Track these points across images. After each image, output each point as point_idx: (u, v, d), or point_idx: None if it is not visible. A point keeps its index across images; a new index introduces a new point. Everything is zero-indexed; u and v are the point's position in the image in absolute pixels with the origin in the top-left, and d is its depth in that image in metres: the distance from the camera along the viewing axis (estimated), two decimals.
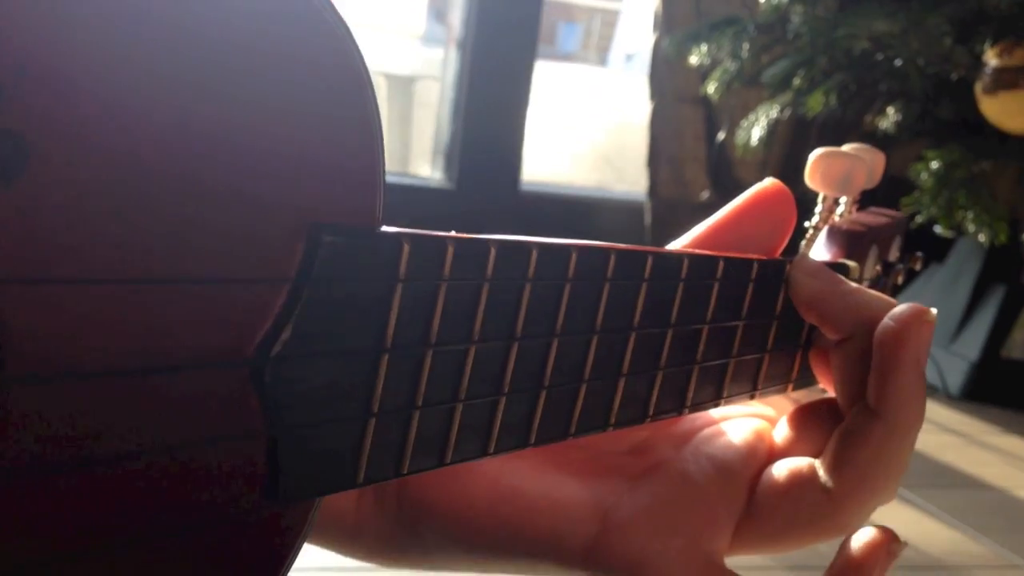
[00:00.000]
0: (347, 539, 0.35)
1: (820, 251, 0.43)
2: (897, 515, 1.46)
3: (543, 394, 0.29)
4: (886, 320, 0.34)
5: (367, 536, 0.35)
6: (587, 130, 5.09)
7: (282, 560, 0.25)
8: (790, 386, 0.41)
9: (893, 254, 0.46)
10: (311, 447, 0.24)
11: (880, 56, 1.92)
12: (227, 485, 0.22)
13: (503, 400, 0.28)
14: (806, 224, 0.44)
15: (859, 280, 0.43)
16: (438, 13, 4.25)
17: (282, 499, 0.24)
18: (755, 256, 0.37)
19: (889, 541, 0.33)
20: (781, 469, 0.35)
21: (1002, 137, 1.84)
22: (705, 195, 2.68)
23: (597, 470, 0.35)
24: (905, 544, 0.32)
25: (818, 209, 0.44)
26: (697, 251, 0.35)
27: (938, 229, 1.94)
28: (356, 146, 0.23)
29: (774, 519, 0.35)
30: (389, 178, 0.26)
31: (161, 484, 0.21)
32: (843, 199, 0.43)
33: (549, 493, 0.33)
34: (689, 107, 2.63)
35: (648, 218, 2.58)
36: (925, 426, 1.49)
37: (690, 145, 2.67)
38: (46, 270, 0.18)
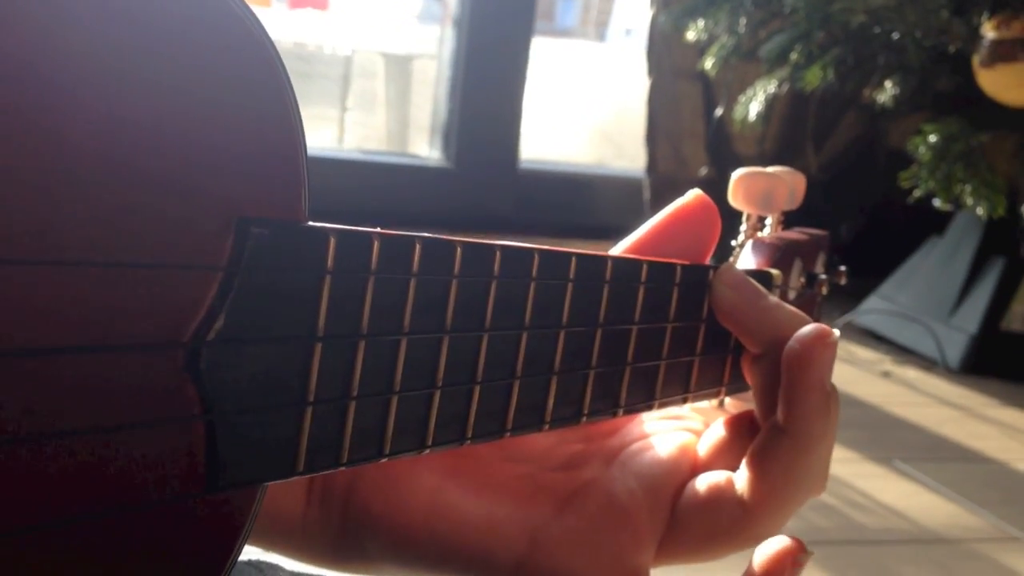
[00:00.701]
0: (294, 542, 0.36)
1: (746, 262, 0.44)
2: (895, 488, 1.47)
3: (477, 390, 0.30)
4: (791, 342, 0.36)
5: (313, 541, 0.36)
6: (586, 106, 5.07)
7: (228, 549, 0.25)
8: (723, 390, 0.42)
9: (818, 268, 0.47)
10: (249, 434, 0.24)
11: (877, 29, 1.91)
12: (167, 470, 0.23)
13: (437, 394, 0.29)
14: (732, 243, 0.45)
15: (784, 289, 0.44)
16: None
17: (222, 485, 0.24)
18: (679, 261, 0.38)
19: (796, 552, 0.34)
20: (701, 483, 0.37)
21: (1000, 109, 1.84)
22: (704, 171, 2.68)
23: (530, 489, 0.36)
24: (811, 554, 0.34)
25: (743, 228, 0.45)
26: (622, 255, 0.37)
27: (936, 203, 1.95)
28: (277, 141, 0.24)
29: (694, 531, 0.36)
30: (388, 158, 0.27)
31: (98, 466, 0.22)
32: (768, 219, 0.44)
33: (482, 511, 0.35)
34: (687, 83, 2.62)
35: (647, 194, 2.58)
36: (924, 400, 1.50)
37: (688, 121, 2.66)
38: None
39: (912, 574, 1.25)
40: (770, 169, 0.44)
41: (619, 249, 0.40)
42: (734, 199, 0.44)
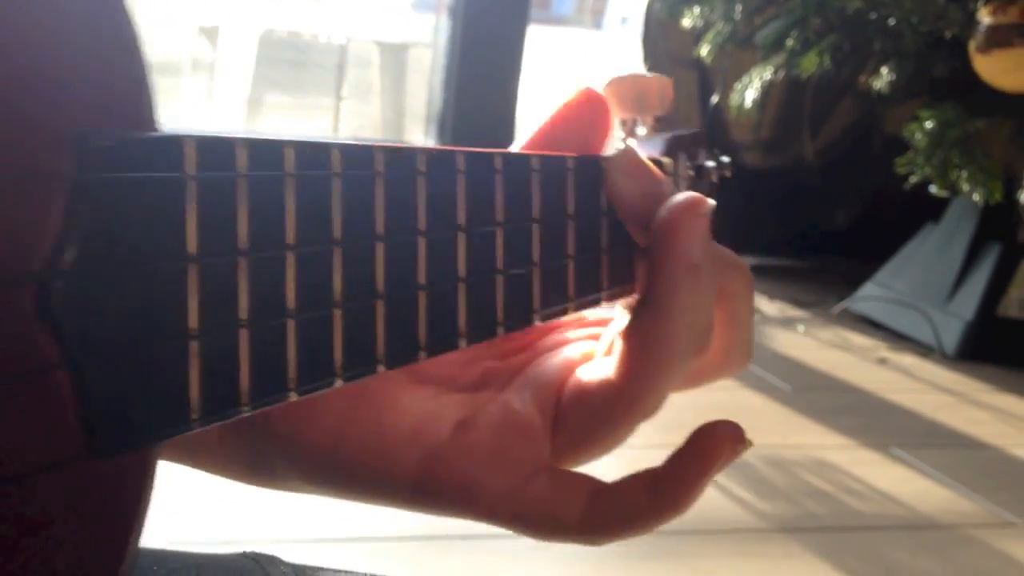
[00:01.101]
0: (212, 463, 0.36)
1: None
2: (891, 474, 1.47)
3: (380, 306, 0.28)
4: (661, 210, 0.35)
5: (230, 461, 0.36)
6: None
7: (130, 518, 0.22)
8: (636, 286, 0.40)
9: (702, 160, 0.48)
10: (127, 384, 0.21)
11: (873, 15, 1.91)
12: (36, 438, 0.20)
13: (337, 314, 0.26)
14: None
15: (674, 179, 0.44)
16: None
17: (106, 448, 0.21)
18: (570, 153, 0.36)
19: (735, 438, 0.34)
20: (578, 374, 0.36)
21: (996, 95, 1.83)
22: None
23: (432, 410, 0.36)
24: (751, 444, 0.34)
25: (620, 135, 0.45)
26: (509, 151, 0.35)
27: (933, 189, 1.94)
28: (113, 55, 0.21)
29: (573, 424, 0.35)
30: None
31: None
32: (640, 124, 0.45)
33: (384, 434, 0.35)
34: (683, 70, 2.61)
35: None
36: (920, 386, 1.49)
37: (684, 108, 2.65)
38: None
39: (908, 560, 1.25)
40: (629, 73, 0.44)
41: (515, 148, 0.38)
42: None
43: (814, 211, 2.67)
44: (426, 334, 0.30)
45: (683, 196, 0.35)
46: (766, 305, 2.37)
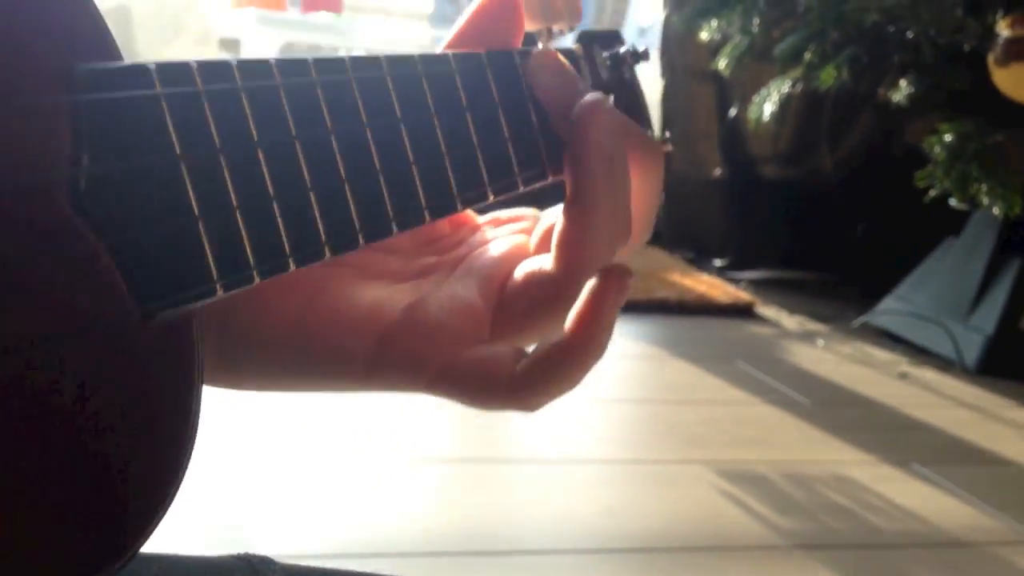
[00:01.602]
0: None
1: None
2: (912, 490, 1.46)
3: (347, 188, 0.33)
4: (575, 108, 0.39)
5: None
6: None
7: (188, 373, 0.28)
8: (550, 173, 0.44)
9: (616, 50, 0.51)
10: (158, 255, 0.27)
11: (892, 28, 1.90)
12: (95, 302, 0.26)
13: (312, 195, 0.32)
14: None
15: (592, 67, 0.48)
16: None
17: (153, 308, 0.27)
18: (482, 51, 0.41)
19: (619, 271, 0.37)
20: (520, 268, 0.40)
21: (1015, 108, 1.82)
22: (718, 172, 2.67)
23: (382, 297, 0.40)
24: (632, 275, 0.37)
25: (538, 43, 0.48)
26: (429, 53, 0.40)
27: (952, 202, 1.93)
28: (80, 9, 0.27)
29: (517, 309, 0.39)
30: None
31: (24, 302, 0.25)
32: (558, 32, 0.47)
33: (338, 322, 0.39)
34: (700, 83, 2.61)
35: (662, 195, 2.57)
36: (941, 401, 1.48)
37: (702, 121, 2.65)
38: None
39: None
40: None
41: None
42: None
43: (833, 224, 2.66)
44: (393, 213, 0.35)
45: (590, 95, 0.39)
46: (785, 319, 2.36)
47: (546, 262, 0.39)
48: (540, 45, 0.47)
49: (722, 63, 2.16)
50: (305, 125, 0.32)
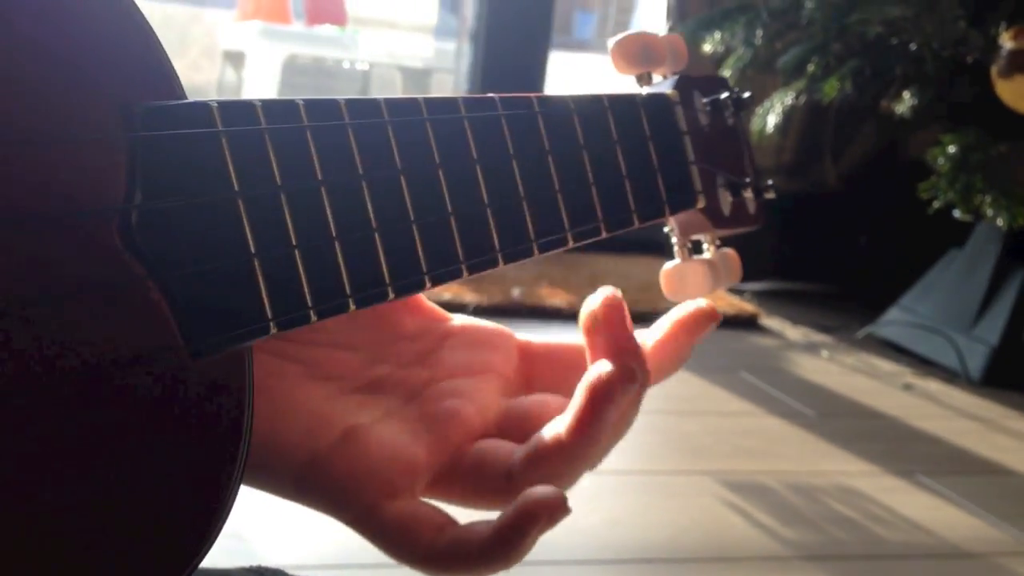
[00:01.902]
0: None
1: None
2: (917, 501, 1.46)
3: (415, 229, 0.33)
4: (595, 375, 0.38)
5: None
6: None
7: (239, 418, 0.28)
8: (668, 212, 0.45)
9: (718, 96, 0.49)
10: (209, 290, 0.27)
11: (894, 40, 1.91)
12: (145, 341, 0.26)
13: (376, 236, 0.31)
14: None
15: (691, 113, 0.46)
16: (451, 5, 4.25)
17: (201, 343, 0.27)
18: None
19: (555, 506, 0.37)
20: (481, 447, 0.40)
21: (1019, 119, 1.82)
22: None
23: (323, 413, 0.39)
24: (569, 511, 0.37)
25: (638, 87, 0.46)
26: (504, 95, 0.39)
27: (956, 214, 1.93)
28: (144, 47, 0.27)
29: (463, 485, 0.40)
30: None
31: (68, 338, 0.24)
32: (656, 77, 0.46)
33: (275, 430, 0.38)
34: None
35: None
36: (945, 412, 1.48)
37: None
38: None
39: None
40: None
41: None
42: (617, 66, 0.45)
43: (837, 235, 2.66)
44: (464, 253, 0.35)
45: (614, 369, 0.38)
46: (789, 330, 2.36)
47: (513, 459, 0.39)
48: (639, 88, 0.46)
49: (726, 75, 2.17)
50: (372, 165, 0.32)
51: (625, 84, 0.48)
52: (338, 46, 3.89)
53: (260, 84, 3.62)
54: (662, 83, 0.46)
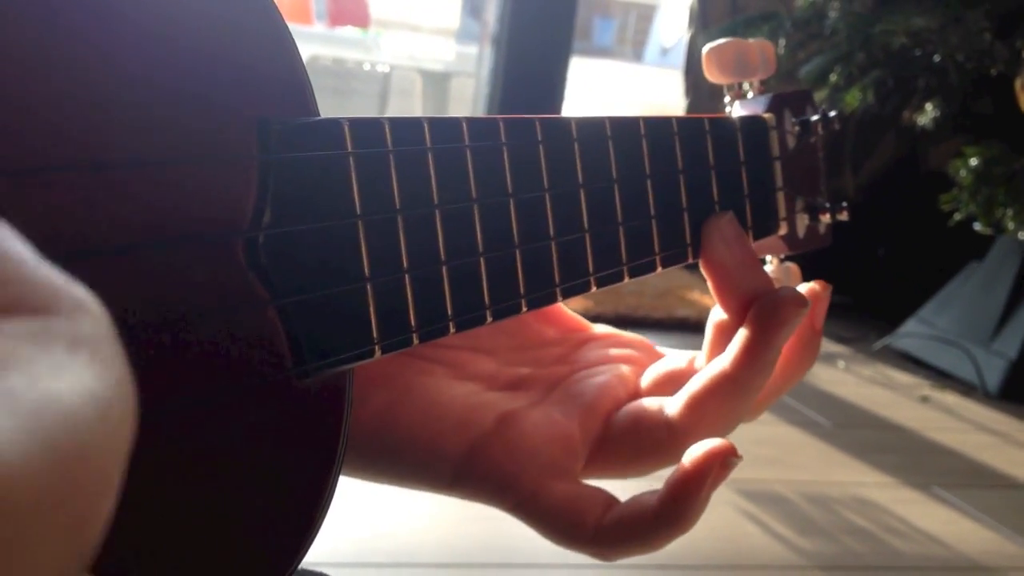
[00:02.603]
0: None
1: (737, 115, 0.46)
2: (933, 514, 1.45)
3: (518, 255, 0.33)
4: (767, 302, 0.38)
5: None
6: None
7: (336, 434, 0.28)
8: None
9: (807, 116, 0.48)
10: (321, 314, 0.27)
11: (918, 52, 1.90)
12: (256, 357, 0.26)
13: (482, 261, 0.31)
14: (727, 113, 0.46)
15: (780, 132, 0.45)
16: (473, 9, 4.25)
17: (310, 366, 0.27)
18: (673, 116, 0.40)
19: (726, 453, 0.35)
20: (633, 407, 0.39)
21: None
22: None
23: (474, 406, 0.39)
24: (741, 458, 0.36)
25: (727, 99, 0.46)
26: (607, 116, 0.39)
27: (977, 227, 1.93)
28: (281, 58, 0.27)
29: (622, 449, 0.39)
30: None
31: (186, 351, 0.25)
32: (746, 85, 0.45)
33: (427, 426, 0.37)
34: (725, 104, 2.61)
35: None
36: (962, 425, 1.48)
37: None
38: (45, 160, 0.22)
39: None
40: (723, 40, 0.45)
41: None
42: (710, 73, 0.45)
43: (855, 246, 2.65)
44: (561, 280, 0.35)
45: (789, 294, 0.38)
46: None
47: (670, 411, 0.38)
48: (727, 101, 0.46)
49: (747, 85, 2.16)
50: (485, 188, 0.31)
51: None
52: (360, 48, 3.91)
53: None
54: (757, 100, 0.45)
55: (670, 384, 0.40)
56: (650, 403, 0.39)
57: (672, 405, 0.38)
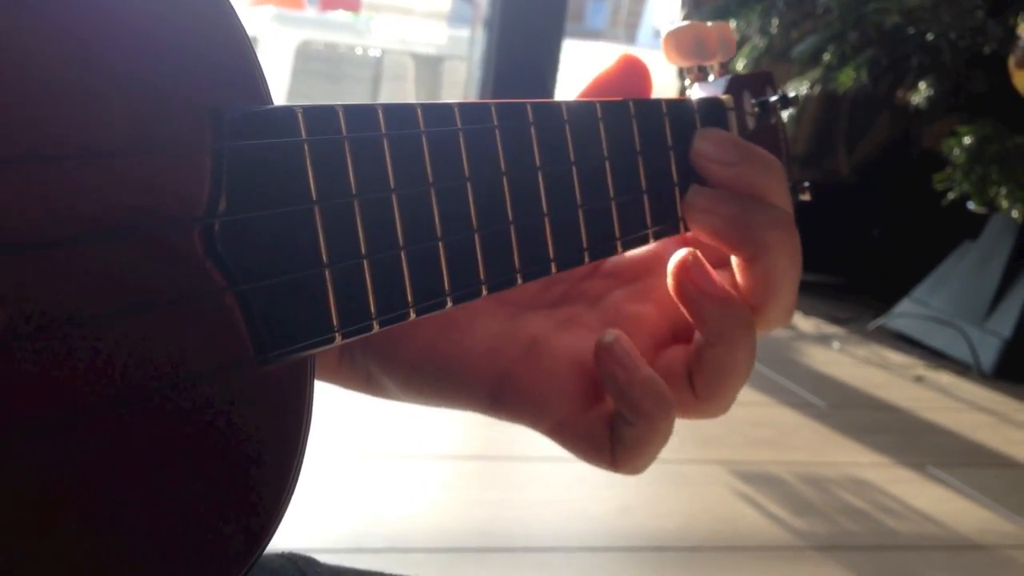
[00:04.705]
0: (335, 382, 0.42)
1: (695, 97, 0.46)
2: (928, 493, 1.45)
3: (476, 239, 0.33)
4: (773, 219, 0.39)
5: (348, 382, 0.42)
6: None
7: (299, 420, 0.28)
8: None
9: (767, 97, 0.48)
10: (280, 301, 0.27)
11: (911, 30, 1.90)
12: (215, 344, 0.26)
13: (440, 246, 0.31)
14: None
15: (739, 113, 0.46)
16: None
17: (270, 353, 0.27)
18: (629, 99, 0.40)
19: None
20: (671, 352, 0.41)
21: None
22: None
23: (509, 328, 0.41)
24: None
25: (687, 82, 0.46)
26: (575, 100, 0.39)
27: (971, 205, 1.93)
28: (231, 45, 0.27)
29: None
30: None
31: (143, 347, 0.25)
32: (708, 68, 0.45)
33: (465, 354, 0.40)
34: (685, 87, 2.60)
35: None
36: (957, 404, 1.49)
37: None
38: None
39: None
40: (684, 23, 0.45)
41: None
42: (668, 57, 0.45)
43: (850, 226, 2.65)
44: (521, 265, 0.35)
45: (784, 214, 0.39)
46: (801, 321, 2.35)
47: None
48: (687, 83, 0.46)
49: (740, 64, 2.16)
50: (442, 172, 0.32)
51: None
52: (351, 32, 3.89)
53: (273, 69, 3.62)
54: (716, 82, 0.46)
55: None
56: (676, 355, 0.40)
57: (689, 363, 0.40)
